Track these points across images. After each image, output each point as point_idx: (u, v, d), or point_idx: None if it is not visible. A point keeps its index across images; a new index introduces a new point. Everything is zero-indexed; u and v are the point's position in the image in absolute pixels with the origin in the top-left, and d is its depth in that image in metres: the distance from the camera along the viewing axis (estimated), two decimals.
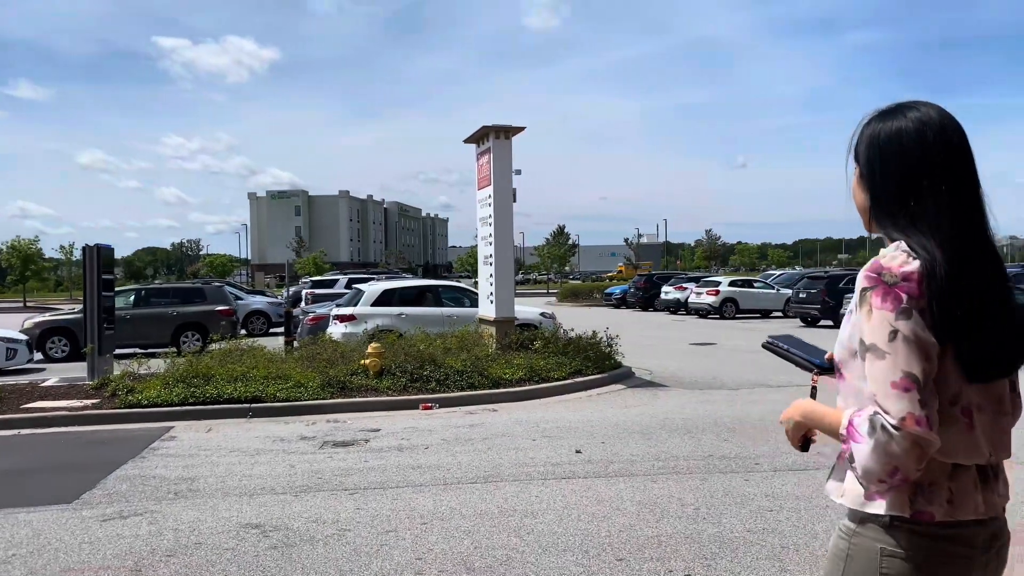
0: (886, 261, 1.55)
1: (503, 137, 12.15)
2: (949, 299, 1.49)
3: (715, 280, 31.22)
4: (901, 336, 1.49)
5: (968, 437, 1.56)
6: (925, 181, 1.56)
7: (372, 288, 15.38)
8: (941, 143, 1.58)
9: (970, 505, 1.56)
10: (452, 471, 6.83)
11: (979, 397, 1.57)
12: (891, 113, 1.65)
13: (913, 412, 1.45)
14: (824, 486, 1.80)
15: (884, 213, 1.62)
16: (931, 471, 1.54)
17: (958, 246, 1.53)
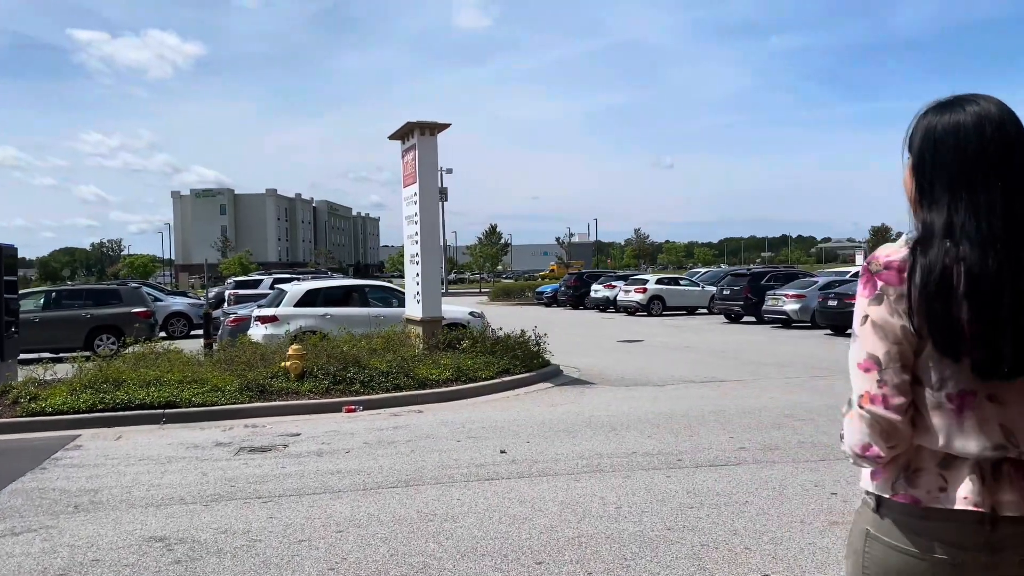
0: (880, 250, 1.60)
1: (428, 134, 11.97)
2: (925, 289, 1.50)
3: (643, 278, 31.63)
4: (870, 321, 1.56)
5: (956, 423, 1.52)
6: (973, 174, 1.54)
7: (295, 288, 14.99)
8: (997, 139, 1.54)
9: (961, 495, 1.51)
10: (372, 475, 6.64)
11: (993, 387, 1.51)
12: (949, 105, 1.61)
13: (870, 391, 1.54)
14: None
15: (927, 201, 1.58)
16: (920, 456, 1.56)
17: (981, 238, 1.50)
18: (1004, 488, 1.52)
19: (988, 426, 1.52)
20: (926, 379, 1.54)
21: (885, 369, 1.54)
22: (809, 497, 5.67)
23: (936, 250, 1.52)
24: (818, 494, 5.75)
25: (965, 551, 1.51)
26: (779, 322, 23.02)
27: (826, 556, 4.47)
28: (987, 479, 1.52)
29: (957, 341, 1.50)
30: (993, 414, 1.52)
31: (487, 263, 73.63)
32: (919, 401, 1.56)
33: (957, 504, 1.52)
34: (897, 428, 1.53)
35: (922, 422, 1.55)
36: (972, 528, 1.51)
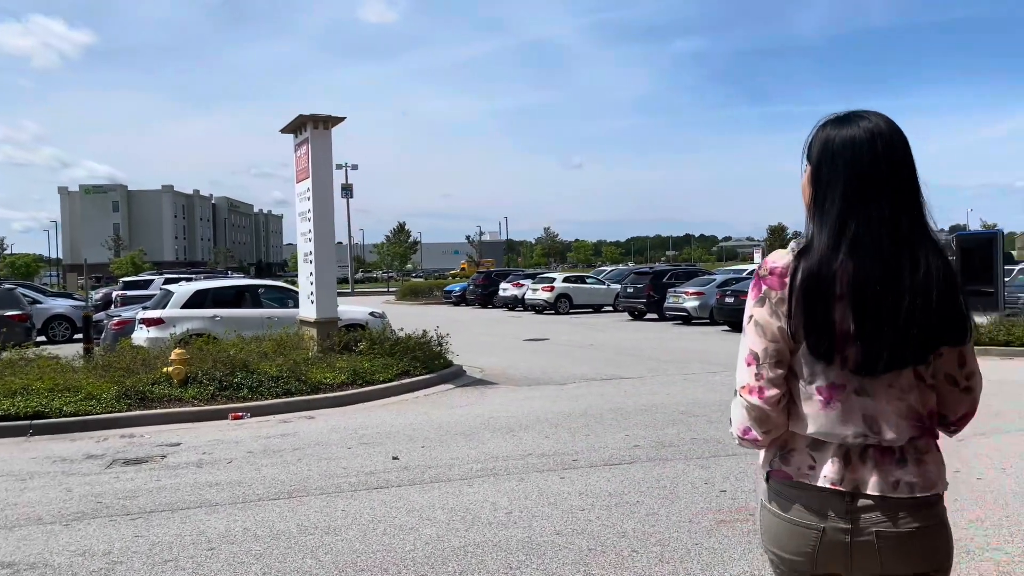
0: (770, 256, 1.76)
1: (322, 127, 11.56)
2: (804, 295, 1.67)
3: (550, 277, 31.81)
4: (753, 320, 1.75)
5: (823, 413, 1.70)
6: (863, 185, 1.68)
7: (183, 289, 14.26)
8: (886, 153, 1.69)
9: (823, 474, 1.70)
10: (254, 487, 6.28)
11: (861, 381, 1.69)
12: (845, 120, 1.75)
13: (748, 383, 1.74)
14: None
15: (818, 210, 1.72)
16: (794, 439, 1.75)
17: (864, 245, 1.65)
18: (867, 470, 1.70)
19: (852, 416, 1.70)
20: (800, 373, 1.73)
21: (762, 364, 1.73)
22: (699, 495, 5.66)
23: (819, 257, 1.67)
24: (708, 491, 5.75)
25: (828, 520, 1.70)
26: (680, 319, 23.51)
27: (712, 557, 4.43)
28: (853, 461, 1.70)
29: (830, 344, 1.67)
30: (858, 406, 1.69)
31: (395, 262, 72.82)
32: (794, 392, 1.75)
33: (820, 482, 1.71)
34: (769, 416, 1.73)
35: (795, 411, 1.75)
36: (835, 502, 1.70)
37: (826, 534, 1.70)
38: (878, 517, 1.68)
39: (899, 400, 1.69)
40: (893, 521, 1.68)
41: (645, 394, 10.49)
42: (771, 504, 1.79)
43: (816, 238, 1.70)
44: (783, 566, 1.80)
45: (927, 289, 1.63)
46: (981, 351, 13.63)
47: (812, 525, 1.72)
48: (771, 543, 1.81)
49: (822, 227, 1.70)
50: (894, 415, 1.69)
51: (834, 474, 1.70)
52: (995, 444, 6.97)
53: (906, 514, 1.68)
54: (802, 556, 1.74)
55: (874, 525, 1.68)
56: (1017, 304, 17.76)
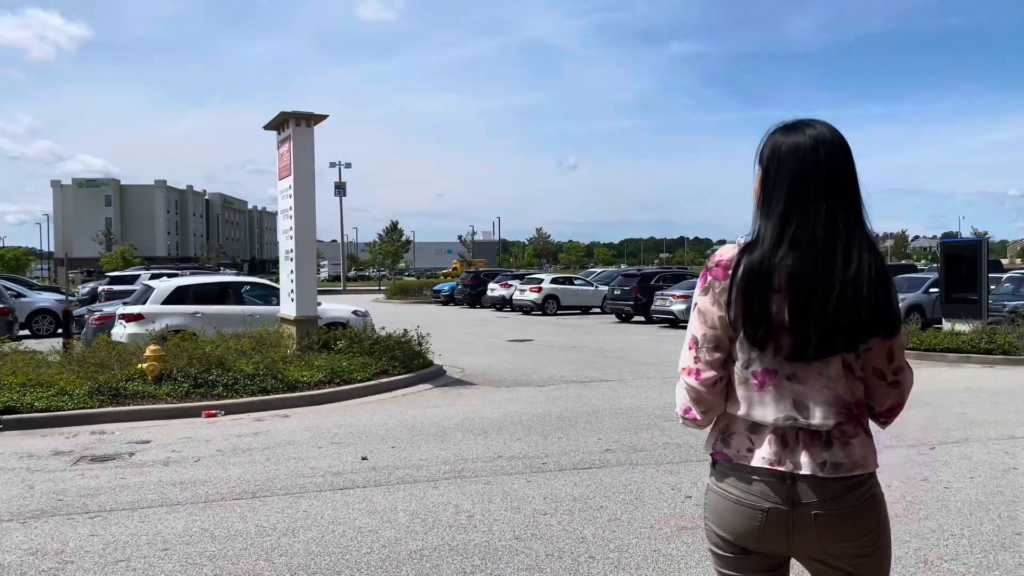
0: (719, 250, 1.90)
1: (304, 124, 11.50)
2: (744, 286, 1.80)
3: (538, 277, 31.76)
4: (696, 308, 1.89)
5: (757, 396, 1.83)
6: (805, 188, 1.80)
7: (163, 285, 14.17)
8: (828, 159, 1.82)
9: (762, 455, 1.81)
10: (218, 486, 6.23)
11: (793, 368, 1.81)
12: (792, 128, 1.88)
13: (688, 365, 1.89)
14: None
15: (765, 210, 1.85)
16: (734, 423, 1.88)
17: (803, 242, 1.78)
18: (800, 452, 1.81)
19: (783, 400, 1.81)
20: (737, 359, 1.86)
21: (701, 348, 1.87)
22: (664, 500, 5.63)
23: (760, 252, 1.80)
24: (673, 497, 5.72)
25: (769, 500, 1.81)
26: (667, 322, 23.48)
27: (668, 564, 4.39)
28: (788, 444, 1.81)
29: (766, 332, 1.80)
30: (789, 391, 1.81)
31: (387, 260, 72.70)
32: (732, 376, 1.87)
33: (756, 462, 1.82)
34: (704, 397, 1.87)
35: (732, 394, 1.87)
36: (775, 483, 1.81)
37: (769, 513, 1.81)
38: (814, 498, 1.79)
39: (826, 388, 1.81)
40: (829, 502, 1.79)
41: (623, 397, 10.46)
42: (717, 485, 1.90)
43: (761, 235, 1.84)
44: (726, 547, 1.89)
45: (858, 282, 1.75)
46: (962, 358, 13.69)
47: (756, 505, 1.82)
48: (716, 523, 1.90)
49: (767, 225, 1.83)
50: (821, 401, 1.81)
51: (771, 455, 1.81)
52: (966, 453, 6.95)
53: (839, 495, 1.80)
54: (746, 534, 1.84)
55: (811, 507, 1.79)
56: (1002, 312, 17.80)
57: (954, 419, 8.25)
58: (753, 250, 1.82)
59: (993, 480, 6.09)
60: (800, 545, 1.83)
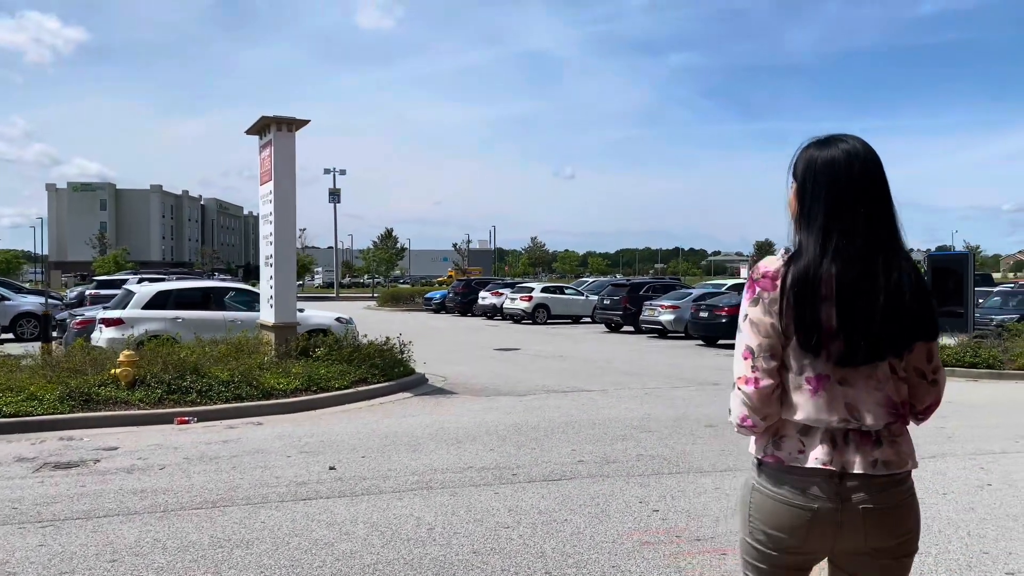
0: (762, 262, 1.96)
1: (286, 129, 11.42)
2: (794, 296, 1.87)
3: (529, 286, 31.68)
4: (749, 319, 1.94)
5: (812, 401, 1.90)
6: (843, 201, 1.89)
7: (144, 289, 14.06)
8: (863, 172, 1.91)
9: (814, 456, 1.89)
10: (180, 495, 6.11)
11: (843, 373, 1.89)
12: (826, 143, 1.97)
13: (745, 375, 1.94)
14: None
15: (804, 222, 1.94)
16: (785, 426, 1.95)
17: (845, 253, 1.87)
18: (850, 451, 1.89)
19: (836, 403, 1.89)
20: (791, 366, 1.93)
21: (757, 357, 1.93)
22: (630, 514, 5.53)
23: (807, 263, 1.88)
24: (640, 511, 5.61)
25: (819, 499, 1.89)
26: (656, 332, 23.41)
27: None
28: (838, 444, 1.90)
29: (818, 339, 1.87)
30: (841, 394, 1.89)
31: (381, 267, 72.50)
32: (786, 383, 1.94)
33: (809, 463, 1.91)
34: (764, 404, 1.92)
35: (787, 399, 1.93)
36: (825, 482, 1.89)
37: (818, 512, 1.89)
38: (863, 495, 1.89)
39: (876, 390, 1.90)
40: (876, 498, 1.89)
41: (602, 407, 10.36)
42: (764, 486, 1.97)
43: (804, 246, 1.92)
44: (769, 544, 1.97)
45: (900, 291, 1.85)
46: (947, 372, 13.59)
47: (805, 504, 1.91)
48: (763, 521, 1.97)
49: (809, 236, 1.92)
50: (872, 403, 1.89)
51: (824, 455, 1.90)
52: (941, 468, 6.87)
53: (886, 491, 1.90)
54: (792, 533, 1.93)
55: (860, 503, 1.89)
56: (989, 326, 17.76)
57: (932, 433, 8.16)
58: (798, 261, 1.90)
59: (966, 496, 6.00)
60: (845, 541, 1.92)
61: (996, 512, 5.58)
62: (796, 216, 1.98)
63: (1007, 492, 6.12)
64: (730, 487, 6.25)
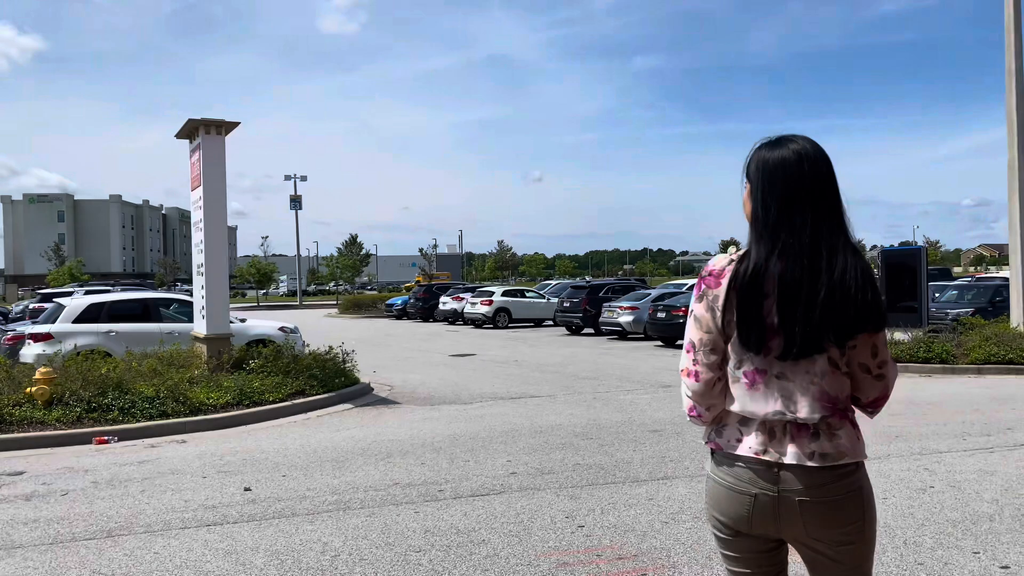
0: (712, 260, 2.04)
1: (214, 132, 10.95)
2: (737, 294, 1.93)
3: (489, 290, 31.30)
4: (692, 314, 2.03)
5: (749, 394, 1.97)
6: (793, 200, 1.94)
7: (75, 302, 13.48)
8: (812, 171, 1.96)
9: (748, 445, 1.97)
10: (74, 524, 5.65)
11: (782, 367, 1.95)
12: (777, 144, 2.03)
13: (687, 367, 2.04)
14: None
15: (756, 221, 1.99)
16: (727, 416, 2.03)
17: (792, 250, 1.91)
18: (786, 443, 1.94)
19: (773, 396, 1.95)
20: (730, 360, 2.00)
21: (698, 352, 2.02)
22: (553, 531, 5.19)
23: (754, 262, 1.93)
24: (565, 527, 5.28)
25: (757, 486, 1.96)
26: (615, 334, 23.18)
27: None
28: (775, 436, 1.96)
29: (759, 336, 1.93)
30: (777, 388, 1.95)
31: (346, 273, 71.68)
32: (727, 376, 2.01)
33: (743, 451, 1.98)
34: (705, 396, 2.02)
35: (727, 391, 2.01)
36: (761, 470, 1.95)
37: (757, 499, 1.95)
38: (799, 485, 1.92)
39: (812, 384, 1.94)
40: (813, 491, 1.91)
41: (548, 414, 10.03)
42: (714, 472, 2.05)
43: (754, 245, 1.97)
44: (724, 529, 2.05)
45: (844, 283, 1.88)
46: (900, 368, 13.48)
47: (745, 491, 1.97)
48: (714, 507, 2.05)
49: (759, 236, 1.96)
50: (808, 396, 1.93)
51: (757, 445, 1.96)
52: (884, 470, 6.62)
53: (825, 483, 1.91)
54: (738, 518, 2.00)
55: (796, 494, 1.92)
56: (945, 320, 17.75)
57: (880, 433, 7.95)
58: (746, 259, 1.96)
59: (907, 500, 5.75)
60: (787, 529, 1.97)
61: (936, 517, 5.33)
62: (750, 216, 2.04)
63: (949, 495, 5.88)
64: (664, 497, 5.95)
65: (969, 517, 5.30)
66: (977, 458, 7.07)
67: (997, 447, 7.54)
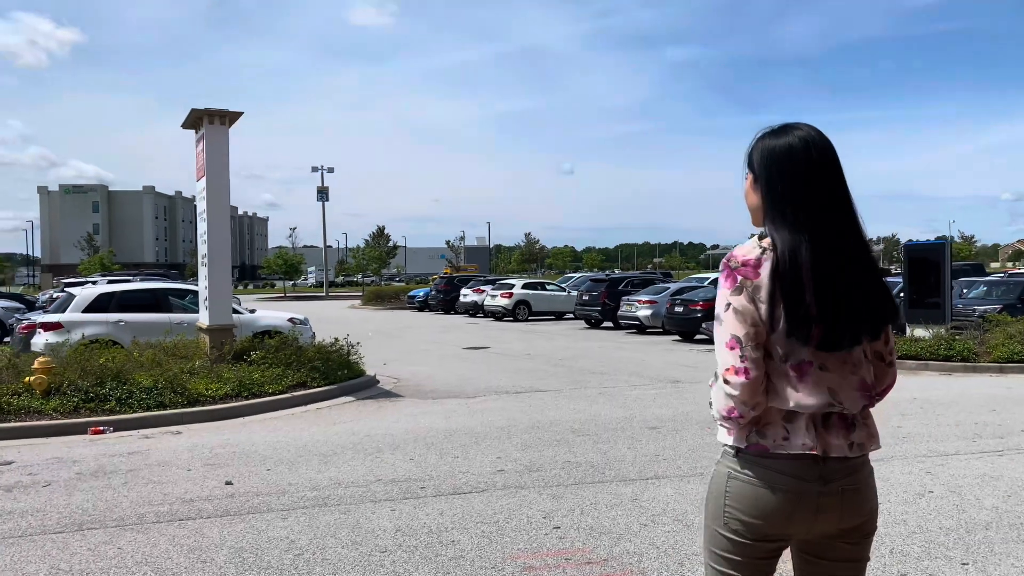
0: (737, 250, 1.95)
1: (218, 123, 10.90)
2: (784, 284, 1.85)
3: (509, 283, 31.13)
4: (732, 308, 1.91)
5: (798, 387, 1.89)
6: (807, 188, 1.89)
7: (85, 292, 13.56)
8: (820, 158, 1.92)
9: (799, 442, 1.89)
10: (47, 517, 5.60)
11: (823, 358, 1.89)
12: (781, 132, 1.97)
13: (735, 364, 1.90)
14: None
15: (772, 212, 1.92)
16: (768, 413, 1.93)
17: (816, 240, 1.86)
18: (832, 435, 1.91)
19: (819, 389, 1.89)
20: (774, 354, 1.91)
21: (745, 346, 1.89)
22: (527, 532, 5.02)
23: (787, 250, 1.86)
24: (540, 528, 5.11)
25: (804, 482, 1.89)
26: (634, 328, 22.90)
27: None
28: (819, 429, 1.91)
29: (807, 325, 1.85)
30: (822, 379, 1.90)
31: (372, 265, 71.95)
32: (769, 371, 1.91)
33: (796, 450, 1.90)
34: (754, 392, 1.89)
35: (771, 387, 1.91)
36: (808, 465, 1.90)
37: (802, 495, 1.89)
38: (841, 476, 1.92)
39: (852, 374, 1.93)
40: (851, 479, 1.93)
41: (548, 409, 9.85)
42: (745, 474, 1.94)
43: (776, 235, 1.89)
44: (746, 533, 1.94)
45: (873, 273, 1.89)
46: (921, 366, 13.10)
47: (790, 488, 1.89)
48: (742, 510, 1.94)
49: (778, 226, 1.90)
50: (851, 387, 1.92)
51: (810, 440, 1.90)
52: (885, 473, 6.34)
53: (859, 471, 1.95)
54: (773, 518, 1.92)
55: (839, 483, 1.91)
56: (972, 316, 17.23)
57: (887, 434, 7.65)
58: (777, 249, 1.88)
59: (901, 506, 5.49)
60: (822, 523, 1.93)
61: (929, 524, 5.07)
62: (757, 206, 1.98)
63: (947, 500, 5.61)
64: (649, 498, 5.75)
65: (964, 525, 5.04)
66: (984, 461, 6.77)
67: (1008, 450, 7.22)
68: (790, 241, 1.87)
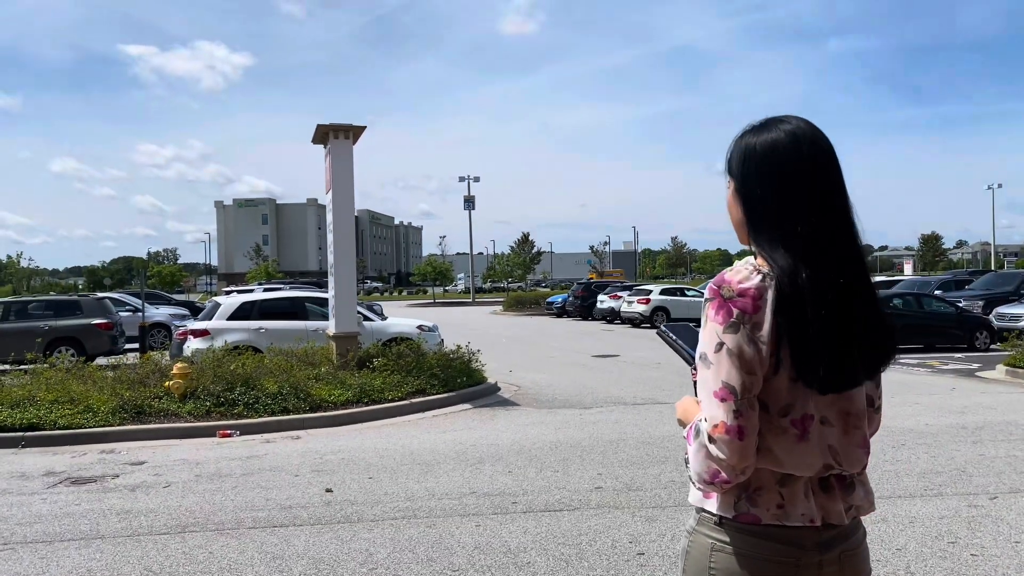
0: (730, 275, 1.59)
1: (343, 137, 11.28)
2: (789, 319, 1.52)
3: (646, 289, 30.51)
4: (725, 348, 1.53)
5: (798, 447, 1.59)
6: (799, 193, 1.57)
7: (229, 300, 14.43)
8: (812, 155, 1.60)
9: (798, 512, 1.60)
10: (158, 518, 5.91)
11: (823, 410, 1.60)
12: (764, 127, 1.65)
13: (726, 421, 1.53)
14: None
15: (759, 226, 1.62)
16: (760, 477, 1.59)
17: (817, 261, 1.54)
18: (831, 500, 1.64)
19: (820, 448, 1.60)
20: (772, 405, 1.57)
21: (741, 400, 1.53)
22: (608, 558, 4.76)
23: (788, 277, 1.53)
24: (622, 553, 4.83)
25: (803, 551, 1.61)
26: None
27: None
28: (818, 493, 1.62)
29: (816, 367, 1.53)
30: (824, 436, 1.61)
31: (516, 271, 72.90)
32: (762, 426, 1.57)
33: (795, 521, 1.60)
34: (746, 455, 1.54)
35: (764, 444, 1.57)
36: (807, 534, 1.62)
37: (800, 566, 1.64)
38: (840, 540, 1.67)
39: (856, 428, 1.65)
40: (850, 540, 1.68)
41: (665, 424, 9.45)
42: (733, 547, 1.63)
43: (771, 256, 1.57)
44: None
45: (876, 300, 1.60)
46: None
47: (785, 560, 1.62)
48: None
49: (772, 243, 1.58)
50: (852, 444, 1.65)
51: (810, 510, 1.61)
52: (912, 512, 5.58)
53: (855, 532, 1.70)
54: None
55: (839, 549, 1.67)
56: None
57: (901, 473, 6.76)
58: (775, 274, 1.55)
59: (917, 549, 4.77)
60: None
61: None
62: (741, 220, 1.66)
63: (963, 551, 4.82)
64: None
65: None
66: None
67: None
68: (787, 263, 1.55)
